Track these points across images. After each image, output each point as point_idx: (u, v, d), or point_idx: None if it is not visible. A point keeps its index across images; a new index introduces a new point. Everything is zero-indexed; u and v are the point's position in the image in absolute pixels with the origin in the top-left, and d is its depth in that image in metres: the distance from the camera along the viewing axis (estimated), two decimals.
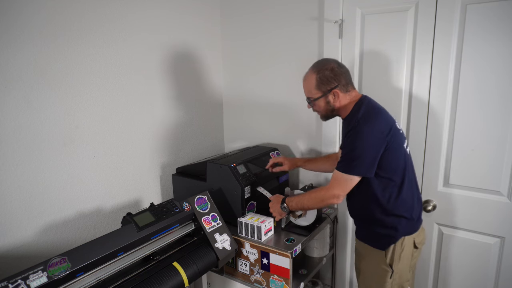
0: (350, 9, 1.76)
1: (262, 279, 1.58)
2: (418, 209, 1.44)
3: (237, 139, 2.35)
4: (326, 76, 1.37)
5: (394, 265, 1.39)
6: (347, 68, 1.43)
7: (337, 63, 1.41)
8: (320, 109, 1.45)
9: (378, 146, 1.29)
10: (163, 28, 1.87)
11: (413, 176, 1.44)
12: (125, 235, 1.27)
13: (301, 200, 1.49)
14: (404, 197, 1.37)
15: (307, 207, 1.51)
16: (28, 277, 1.02)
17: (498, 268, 1.62)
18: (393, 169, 1.34)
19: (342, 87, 1.38)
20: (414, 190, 1.43)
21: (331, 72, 1.37)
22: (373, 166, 1.30)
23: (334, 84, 1.37)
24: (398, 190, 1.36)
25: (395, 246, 1.38)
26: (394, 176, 1.35)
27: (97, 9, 1.55)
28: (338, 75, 1.37)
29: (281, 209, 1.56)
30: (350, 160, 1.32)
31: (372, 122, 1.30)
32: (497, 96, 1.49)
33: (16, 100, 1.33)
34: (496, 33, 1.45)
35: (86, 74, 1.55)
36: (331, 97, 1.39)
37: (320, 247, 1.84)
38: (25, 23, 1.33)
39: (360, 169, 1.31)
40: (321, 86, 1.39)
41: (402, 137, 1.39)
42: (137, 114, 1.79)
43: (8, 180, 1.33)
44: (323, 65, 1.39)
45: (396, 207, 1.37)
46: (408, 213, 1.38)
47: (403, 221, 1.38)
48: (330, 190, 1.38)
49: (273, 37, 2.04)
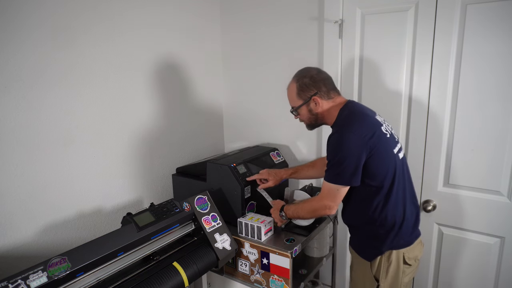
0: (350, 9, 1.76)
1: (262, 279, 1.58)
2: (410, 222, 1.35)
3: (237, 139, 2.35)
4: (305, 84, 1.38)
5: (381, 279, 1.35)
6: (329, 75, 1.41)
7: (317, 70, 1.41)
8: (304, 117, 1.44)
9: (359, 152, 1.23)
10: (163, 28, 1.88)
11: (406, 185, 1.36)
12: (125, 235, 1.27)
13: (296, 209, 1.48)
14: (392, 207, 1.30)
15: (302, 217, 1.50)
16: (28, 277, 1.01)
17: (498, 268, 1.62)
18: (379, 176, 1.28)
19: (322, 94, 1.37)
20: (406, 201, 1.34)
21: (310, 80, 1.37)
22: (356, 174, 1.25)
23: (314, 91, 1.37)
24: (385, 199, 1.30)
25: (382, 258, 1.34)
26: (380, 183, 1.28)
27: (97, 7, 1.55)
28: (317, 82, 1.37)
29: (280, 217, 1.56)
30: (333, 169, 1.28)
31: (351, 128, 1.25)
32: (497, 95, 1.49)
33: (16, 100, 1.33)
34: (496, 33, 1.45)
35: (86, 74, 1.54)
36: (312, 105, 1.38)
37: (320, 247, 1.84)
38: (25, 22, 1.33)
39: (344, 178, 1.26)
40: (301, 94, 1.39)
41: (391, 141, 1.32)
42: (137, 114, 1.79)
43: (8, 180, 1.33)
44: (303, 73, 1.41)
45: (383, 218, 1.31)
46: (396, 225, 1.31)
47: (391, 233, 1.32)
48: (321, 201, 1.36)
49: (273, 37, 2.04)
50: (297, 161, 2.11)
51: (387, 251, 1.34)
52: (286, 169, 1.75)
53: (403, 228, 1.33)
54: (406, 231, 1.34)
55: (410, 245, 1.35)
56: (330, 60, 1.86)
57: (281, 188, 1.83)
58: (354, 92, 1.83)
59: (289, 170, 1.74)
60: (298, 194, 1.68)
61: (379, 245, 1.34)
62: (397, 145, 1.36)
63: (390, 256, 1.34)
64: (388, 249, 1.33)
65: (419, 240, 1.41)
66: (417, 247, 1.39)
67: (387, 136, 1.30)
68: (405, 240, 1.35)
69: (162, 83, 1.91)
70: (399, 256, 1.34)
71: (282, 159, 1.96)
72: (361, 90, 1.82)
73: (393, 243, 1.33)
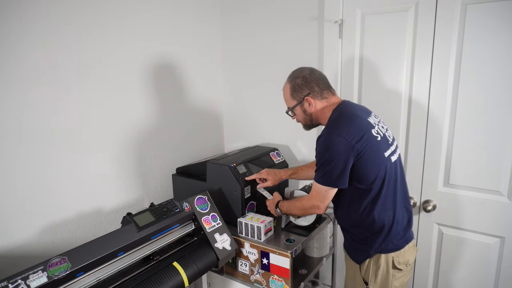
0: (350, 9, 1.76)
1: (262, 279, 1.58)
2: (400, 226, 1.33)
3: (237, 139, 2.35)
4: (298, 84, 1.38)
5: (370, 282, 1.35)
6: (323, 75, 1.41)
7: (310, 70, 1.40)
8: (300, 117, 1.45)
9: (345, 155, 1.21)
10: (163, 28, 1.88)
11: (398, 188, 1.34)
12: (125, 235, 1.27)
13: (289, 207, 1.50)
14: (380, 211, 1.28)
15: (293, 214, 1.53)
16: (28, 277, 1.01)
17: (498, 268, 1.62)
18: (367, 179, 1.26)
19: (315, 94, 1.36)
20: (397, 205, 1.32)
21: (303, 80, 1.37)
22: (342, 176, 1.24)
23: (306, 92, 1.37)
24: (373, 203, 1.28)
25: (370, 261, 1.34)
26: (368, 187, 1.27)
27: (99, 6, 1.55)
28: (309, 82, 1.37)
29: (275, 212, 1.60)
30: (320, 170, 1.27)
31: (337, 130, 1.24)
32: (497, 95, 1.49)
33: (17, 99, 1.33)
34: (496, 33, 1.45)
35: (88, 74, 1.54)
36: (306, 105, 1.39)
37: (320, 247, 1.84)
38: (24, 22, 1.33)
39: (331, 180, 1.26)
40: (294, 94, 1.40)
41: (382, 144, 1.29)
42: (137, 114, 1.79)
43: (8, 180, 1.33)
44: (296, 74, 1.41)
45: (370, 221, 1.29)
46: (384, 229, 1.29)
47: (379, 237, 1.30)
48: (310, 200, 1.37)
49: (272, 37, 2.04)
50: (297, 161, 2.11)
51: (376, 255, 1.33)
52: (286, 169, 1.75)
53: (392, 232, 1.31)
54: (395, 235, 1.32)
55: (400, 250, 1.33)
56: (330, 60, 1.86)
57: (281, 188, 1.83)
58: (354, 92, 1.83)
59: (288, 171, 1.74)
60: (298, 194, 1.68)
61: (367, 248, 1.33)
62: (390, 147, 1.33)
63: (378, 260, 1.33)
64: (377, 253, 1.32)
65: (412, 244, 1.38)
66: (409, 252, 1.36)
67: (377, 139, 1.28)
68: (395, 244, 1.32)
69: (162, 84, 1.91)
70: (388, 260, 1.32)
71: (282, 159, 1.96)
72: (361, 90, 1.82)
73: (381, 247, 1.31)
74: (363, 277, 1.37)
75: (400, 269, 1.34)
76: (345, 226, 1.43)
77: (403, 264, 1.34)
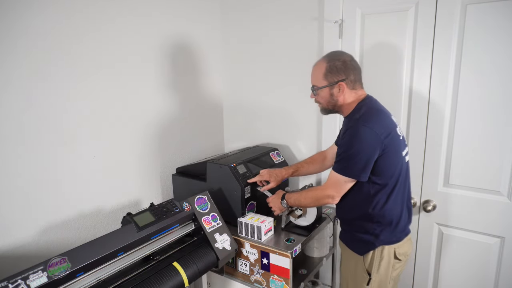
0: (350, 9, 1.76)
1: (262, 279, 1.58)
2: (404, 220, 1.40)
3: (237, 139, 2.35)
4: (336, 66, 1.33)
5: (373, 273, 1.37)
6: (359, 66, 1.38)
7: (351, 57, 1.36)
8: (323, 100, 1.40)
9: (373, 149, 1.24)
10: (163, 28, 1.87)
11: (407, 185, 1.40)
12: (125, 235, 1.27)
13: (298, 197, 1.49)
14: (391, 206, 1.33)
15: (304, 204, 1.51)
16: (28, 277, 1.01)
17: (498, 268, 1.62)
18: (386, 175, 1.30)
19: (349, 82, 1.33)
20: (404, 201, 1.39)
21: (342, 64, 1.32)
22: (366, 169, 1.26)
23: (342, 77, 1.32)
24: (386, 198, 1.32)
25: (374, 253, 1.36)
26: (385, 183, 1.31)
27: (97, 3, 1.55)
28: (348, 69, 1.33)
29: (281, 205, 1.56)
30: (344, 161, 1.28)
31: (370, 124, 1.25)
32: (498, 95, 1.49)
33: (17, 99, 1.33)
34: (496, 33, 1.45)
35: (87, 73, 1.54)
36: (336, 90, 1.34)
37: (320, 247, 1.84)
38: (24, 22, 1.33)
39: (354, 171, 1.27)
40: (328, 75, 1.34)
41: (402, 144, 1.35)
42: (137, 114, 1.79)
43: (8, 180, 1.33)
44: (336, 56, 1.36)
45: (381, 215, 1.33)
46: (393, 223, 1.35)
47: (386, 230, 1.35)
48: (325, 190, 1.37)
49: (272, 37, 2.04)
50: (297, 161, 2.10)
51: (380, 246, 1.36)
52: (287, 168, 1.74)
53: (399, 227, 1.37)
54: (399, 229, 1.38)
55: (400, 241, 1.39)
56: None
57: (281, 188, 1.83)
58: None
59: (289, 169, 1.73)
60: None
61: (373, 241, 1.36)
62: (406, 148, 1.38)
63: (382, 251, 1.36)
64: (381, 245, 1.36)
65: (409, 237, 1.44)
66: (407, 244, 1.43)
67: (399, 138, 1.33)
68: (397, 237, 1.38)
69: (162, 84, 1.91)
70: (390, 251, 1.37)
71: (282, 159, 1.96)
72: None
73: (386, 239, 1.36)
74: (367, 268, 1.39)
75: (400, 259, 1.40)
76: (351, 218, 1.43)
77: (402, 255, 1.40)
